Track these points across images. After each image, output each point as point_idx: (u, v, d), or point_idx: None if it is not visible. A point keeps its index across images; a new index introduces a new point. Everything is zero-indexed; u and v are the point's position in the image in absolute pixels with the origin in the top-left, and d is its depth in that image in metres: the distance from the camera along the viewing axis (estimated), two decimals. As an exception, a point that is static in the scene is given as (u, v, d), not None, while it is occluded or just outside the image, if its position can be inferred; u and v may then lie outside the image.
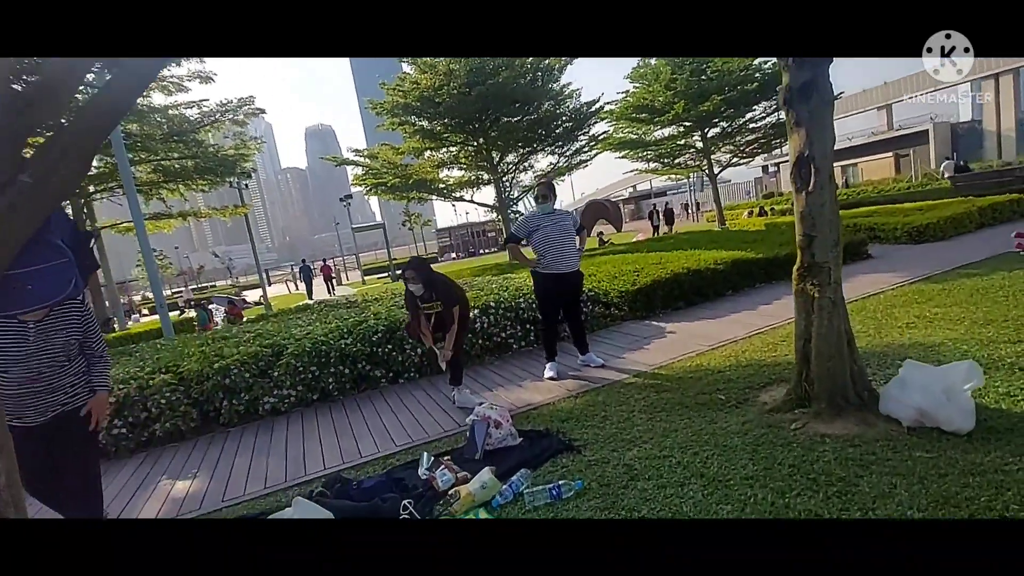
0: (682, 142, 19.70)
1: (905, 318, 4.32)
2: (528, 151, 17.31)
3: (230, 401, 4.36)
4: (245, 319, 11.86)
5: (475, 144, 16.35)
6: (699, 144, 19.48)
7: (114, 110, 1.77)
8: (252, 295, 26.05)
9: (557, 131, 16.80)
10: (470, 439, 3.06)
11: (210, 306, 16.06)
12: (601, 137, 18.60)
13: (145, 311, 27.60)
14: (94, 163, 15.15)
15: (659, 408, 3.22)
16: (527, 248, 4.35)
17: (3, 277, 1.72)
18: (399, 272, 4.13)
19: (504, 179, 17.41)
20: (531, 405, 3.73)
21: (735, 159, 20.32)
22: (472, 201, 18.80)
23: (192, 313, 14.61)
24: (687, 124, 18.42)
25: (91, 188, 15.36)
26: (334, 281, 23.73)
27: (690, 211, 35.59)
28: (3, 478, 1.53)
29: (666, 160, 20.61)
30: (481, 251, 35.11)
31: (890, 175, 29.06)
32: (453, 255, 36.56)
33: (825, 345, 2.67)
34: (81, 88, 9.59)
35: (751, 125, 18.92)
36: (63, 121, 1.79)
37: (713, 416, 2.96)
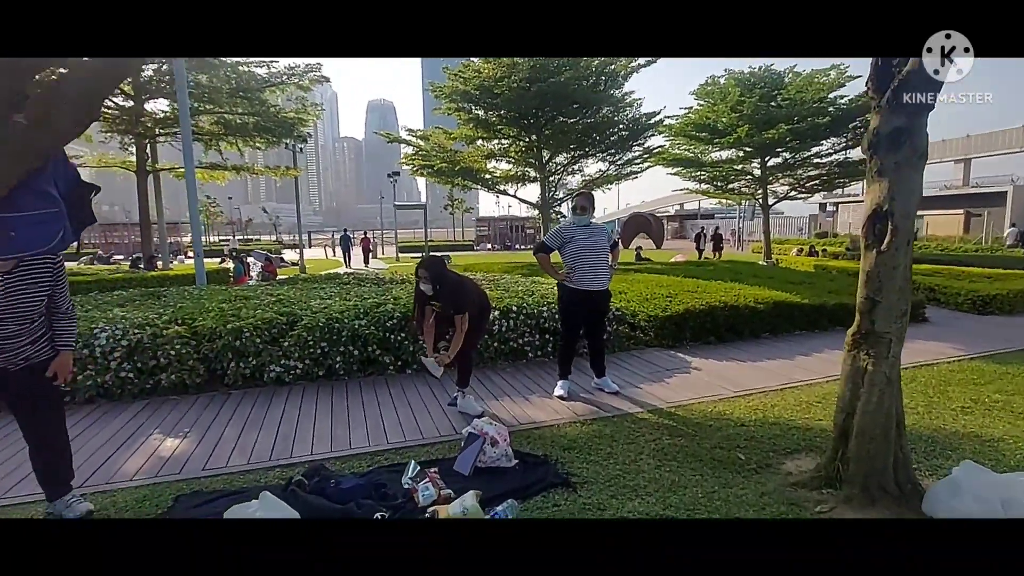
0: (739, 167, 18.97)
1: (960, 400, 3.90)
2: (579, 154, 16.92)
3: (237, 363, 4.33)
4: (279, 277, 12.10)
5: (527, 140, 16.12)
6: (757, 172, 18.71)
7: (122, 68, 1.67)
8: (291, 255, 26.66)
9: (612, 138, 16.33)
10: (462, 451, 2.89)
11: (248, 259, 16.45)
12: (656, 151, 18.02)
13: (191, 253, 28.61)
14: (163, 106, 15.77)
15: (670, 455, 2.96)
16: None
17: None
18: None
19: (551, 179, 17.11)
20: (534, 423, 3.53)
21: (793, 192, 19.45)
22: (516, 196, 18.64)
23: (231, 264, 14.97)
24: (748, 149, 17.69)
25: (157, 130, 15.97)
26: (371, 254, 24.18)
27: (737, 238, 34.49)
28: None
29: (719, 183, 19.91)
30: (517, 246, 34.94)
31: (957, 233, 27.32)
32: (488, 246, 36.52)
33: (870, 424, 2.36)
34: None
35: (815, 160, 18.05)
36: (65, 69, 1.70)
37: (728, 478, 2.68)
